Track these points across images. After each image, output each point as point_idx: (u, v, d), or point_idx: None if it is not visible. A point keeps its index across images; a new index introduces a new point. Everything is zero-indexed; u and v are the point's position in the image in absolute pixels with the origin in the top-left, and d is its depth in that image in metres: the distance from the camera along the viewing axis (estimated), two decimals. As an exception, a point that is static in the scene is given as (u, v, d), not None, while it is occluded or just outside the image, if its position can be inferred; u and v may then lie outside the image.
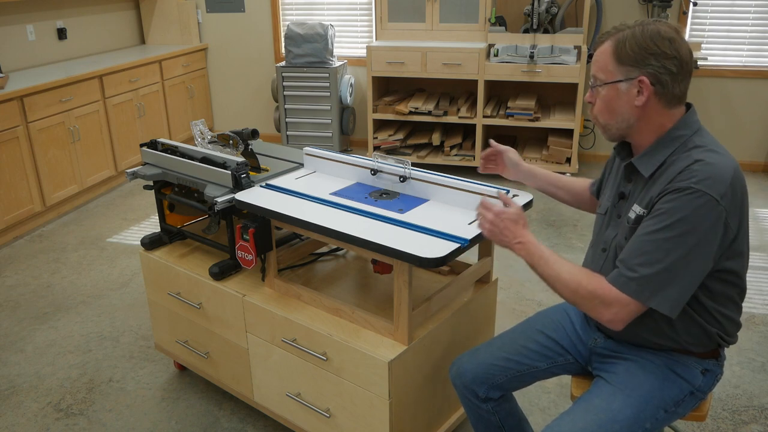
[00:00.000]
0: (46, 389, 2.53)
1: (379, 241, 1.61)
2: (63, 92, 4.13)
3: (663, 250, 1.34)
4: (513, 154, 1.90)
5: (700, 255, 1.35)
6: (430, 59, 4.63)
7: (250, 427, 2.29)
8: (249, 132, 2.18)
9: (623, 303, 1.38)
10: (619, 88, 1.42)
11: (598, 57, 1.46)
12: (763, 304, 3.04)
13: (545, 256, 1.48)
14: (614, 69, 1.42)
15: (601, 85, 1.45)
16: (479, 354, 1.74)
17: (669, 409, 1.49)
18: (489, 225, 1.53)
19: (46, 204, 4.09)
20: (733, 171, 1.36)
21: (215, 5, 5.62)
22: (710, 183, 1.32)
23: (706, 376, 1.53)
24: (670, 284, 1.35)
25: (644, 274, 1.35)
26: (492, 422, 1.75)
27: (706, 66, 4.71)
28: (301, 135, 5.26)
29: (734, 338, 1.54)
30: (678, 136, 1.43)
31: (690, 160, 1.38)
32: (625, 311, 1.39)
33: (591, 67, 1.49)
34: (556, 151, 4.60)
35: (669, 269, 1.34)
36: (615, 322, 1.40)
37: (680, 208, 1.33)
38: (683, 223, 1.33)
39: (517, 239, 1.51)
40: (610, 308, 1.39)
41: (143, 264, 2.37)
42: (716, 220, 1.34)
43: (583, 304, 1.43)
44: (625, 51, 1.40)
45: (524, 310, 3.00)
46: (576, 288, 1.42)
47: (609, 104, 1.45)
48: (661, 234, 1.34)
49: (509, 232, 1.52)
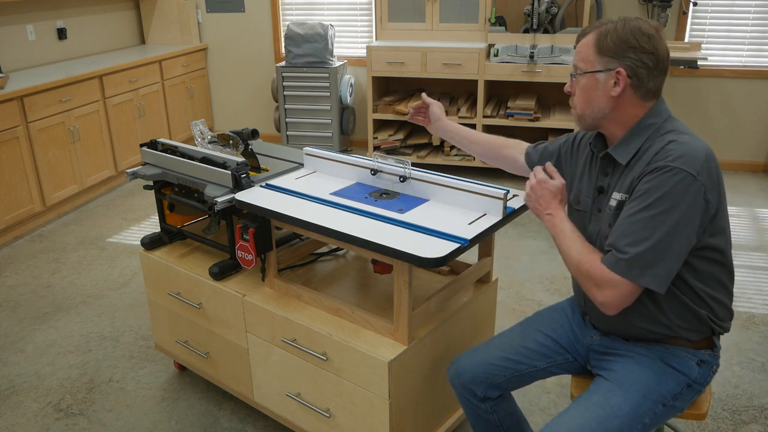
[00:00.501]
0: (46, 389, 2.53)
1: (379, 241, 1.62)
2: (63, 92, 4.13)
3: (648, 228, 1.38)
4: (437, 108, 1.99)
5: (683, 230, 1.39)
6: (430, 59, 4.63)
7: (250, 427, 2.29)
8: (249, 132, 2.18)
9: (614, 283, 1.41)
10: (598, 78, 1.48)
11: (580, 48, 1.51)
12: (763, 304, 3.04)
13: (566, 231, 1.53)
14: (594, 59, 1.47)
15: (581, 74, 1.50)
16: (478, 353, 1.74)
17: (667, 403, 1.50)
18: (529, 190, 1.61)
19: (46, 204, 4.09)
20: (705, 150, 1.41)
21: (215, 5, 5.62)
22: (685, 160, 1.37)
23: (702, 367, 1.53)
24: (658, 261, 1.39)
25: (633, 253, 1.38)
26: (491, 422, 1.75)
27: (706, 66, 4.71)
28: (301, 135, 5.26)
29: (727, 323, 1.56)
30: (650, 124, 1.49)
31: (664, 141, 1.43)
32: (617, 293, 1.41)
33: (573, 58, 1.54)
34: (556, 151, 4.60)
35: (655, 246, 1.38)
36: (607, 305, 1.43)
37: (659, 186, 1.37)
38: (664, 200, 1.37)
39: (548, 210, 1.57)
40: (602, 289, 1.42)
41: (143, 264, 2.37)
42: (695, 195, 1.37)
43: (582, 283, 1.48)
44: (606, 43, 1.45)
45: (524, 310, 3.00)
46: (578, 265, 1.47)
47: (587, 93, 1.50)
48: (644, 213, 1.39)
49: (544, 201, 1.58)
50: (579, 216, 1.66)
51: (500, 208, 1.76)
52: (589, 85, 1.50)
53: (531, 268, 3.43)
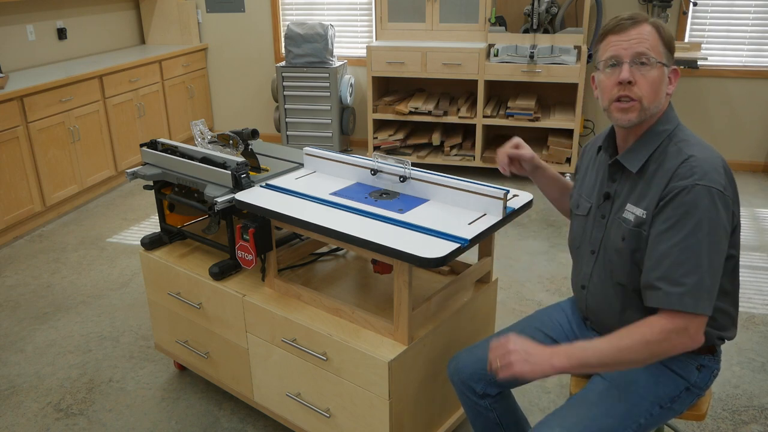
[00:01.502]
0: (46, 389, 2.53)
1: (379, 241, 1.61)
2: (63, 92, 4.13)
3: (698, 254, 1.33)
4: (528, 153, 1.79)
5: (723, 246, 1.37)
6: (430, 59, 4.63)
7: (250, 427, 2.29)
8: (249, 132, 2.18)
9: (689, 319, 1.33)
10: (665, 72, 1.43)
11: (644, 36, 1.39)
12: (763, 304, 3.04)
13: (587, 347, 1.36)
14: (663, 52, 1.41)
15: (656, 63, 1.40)
16: (477, 350, 1.74)
17: (664, 405, 1.49)
18: (514, 357, 1.37)
19: (46, 204, 4.09)
20: (721, 161, 1.40)
21: (215, 5, 5.62)
22: (711, 177, 1.35)
23: (702, 371, 1.53)
24: (712, 284, 1.35)
25: (692, 283, 1.33)
26: (490, 419, 1.75)
27: (706, 66, 4.71)
28: (301, 135, 5.26)
29: (730, 332, 1.53)
30: (662, 130, 1.46)
31: (682, 155, 1.40)
32: (695, 325, 1.34)
33: (627, 45, 1.39)
34: (556, 151, 4.60)
35: (708, 270, 1.34)
36: (695, 341, 1.35)
37: (695, 208, 1.34)
38: (704, 222, 1.34)
39: (548, 353, 1.37)
40: (686, 332, 1.33)
41: (143, 264, 2.37)
42: (726, 209, 1.36)
43: (661, 350, 1.34)
44: (666, 39, 1.41)
45: (524, 310, 3.00)
46: (644, 342, 1.33)
47: (657, 86, 1.42)
48: (690, 239, 1.33)
49: (536, 351, 1.37)
50: (578, 221, 1.64)
51: (500, 208, 1.76)
52: (659, 78, 1.41)
53: (531, 268, 3.43)
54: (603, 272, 1.56)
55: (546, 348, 1.38)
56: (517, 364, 1.36)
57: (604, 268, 1.55)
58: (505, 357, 1.38)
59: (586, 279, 1.61)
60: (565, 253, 3.57)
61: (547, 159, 4.63)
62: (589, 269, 1.59)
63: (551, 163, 4.61)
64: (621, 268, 1.50)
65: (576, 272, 1.68)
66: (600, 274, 1.57)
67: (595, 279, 1.58)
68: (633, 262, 1.47)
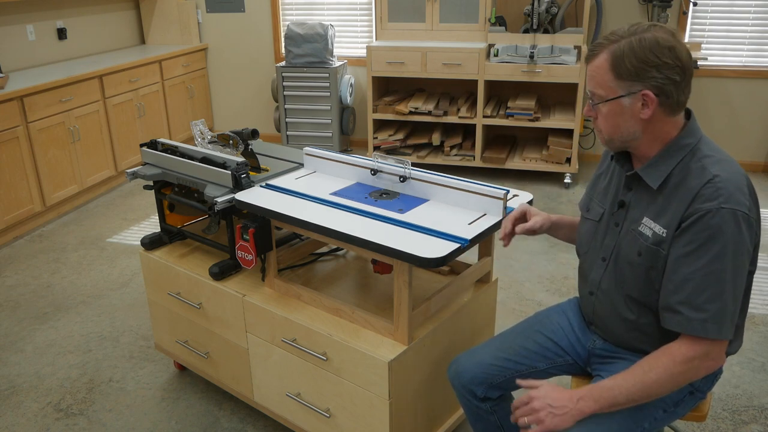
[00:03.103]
0: (46, 389, 2.53)
1: (379, 241, 1.61)
2: (63, 92, 4.13)
3: (721, 279, 1.32)
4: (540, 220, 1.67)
5: (745, 269, 1.36)
6: (430, 59, 4.63)
7: (250, 427, 2.29)
8: (249, 132, 2.18)
9: (711, 344, 1.34)
10: (623, 104, 1.37)
11: (594, 72, 1.39)
12: (763, 304, 3.04)
13: (613, 387, 1.37)
14: (614, 85, 1.36)
15: (601, 103, 1.39)
16: (477, 354, 1.73)
17: (668, 409, 1.49)
18: (542, 414, 1.38)
19: (46, 204, 4.09)
20: (744, 177, 1.37)
21: (215, 5, 5.62)
22: (737, 198, 1.32)
23: (706, 376, 1.52)
24: (734, 308, 1.35)
25: (716, 309, 1.32)
26: (491, 422, 1.75)
27: (706, 66, 4.71)
28: (301, 135, 5.26)
29: (737, 342, 1.52)
30: (684, 144, 1.41)
31: (706, 174, 1.35)
32: (717, 350, 1.35)
33: (587, 82, 1.43)
34: (556, 151, 4.60)
35: (731, 295, 1.33)
36: (717, 364, 1.37)
37: (720, 233, 1.31)
38: (728, 246, 1.31)
39: (574, 400, 1.38)
40: (708, 357, 1.34)
41: (143, 264, 2.37)
42: (750, 231, 1.34)
43: (686, 378, 1.36)
44: (624, 66, 1.34)
45: (524, 310, 3.00)
46: (669, 374, 1.34)
47: (613, 119, 1.40)
48: (715, 264, 1.31)
49: (562, 402, 1.38)
50: (588, 225, 1.61)
51: (500, 208, 1.76)
52: (614, 111, 1.38)
53: (531, 268, 3.43)
54: (613, 282, 1.53)
55: (570, 393, 1.38)
56: (547, 419, 1.37)
57: (615, 278, 1.52)
58: (533, 416, 1.39)
59: (595, 286, 1.59)
60: (565, 253, 3.57)
61: (547, 159, 4.63)
62: (599, 276, 1.57)
63: (551, 163, 4.61)
64: (633, 282, 1.47)
65: (583, 277, 1.65)
66: (609, 283, 1.54)
67: (604, 287, 1.55)
68: (648, 278, 1.44)
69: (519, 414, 1.42)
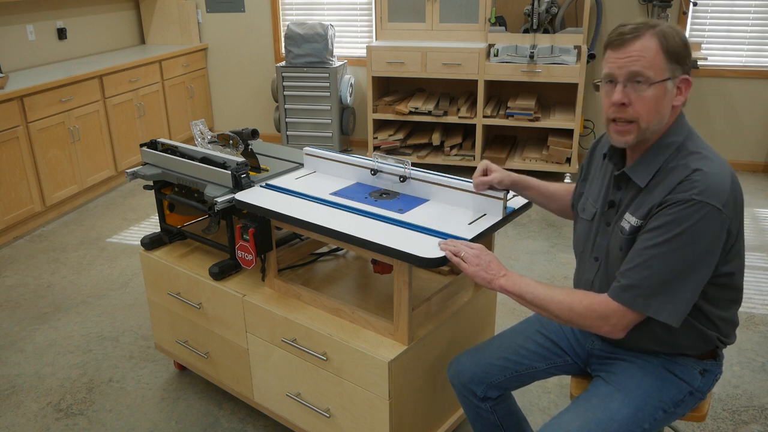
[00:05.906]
0: (46, 389, 2.53)
1: (379, 241, 1.61)
2: (63, 92, 4.13)
3: (666, 262, 1.33)
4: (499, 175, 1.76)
5: (703, 265, 1.35)
6: (430, 59, 4.63)
7: (250, 427, 2.29)
8: (249, 132, 2.18)
9: (620, 313, 1.37)
10: (667, 87, 1.36)
11: (642, 53, 1.34)
12: (763, 304, 3.04)
13: (532, 283, 1.48)
14: (665, 66, 1.34)
15: (649, 85, 1.35)
16: (477, 353, 1.74)
17: (668, 410, 1.49)
18: (475, 260, 1.52)
19: (46, 204, 4.09)
20: (730, 176, 1.36)
21: (215, 5, 5.62)
22: (711, 192, 1.31)
23: (705, 376, 1.52)
24: (674, 295, 1.34)
25: (642, 284, 1.35)
26: (491, 421, 1.75)
27: (706, 66, 4.71)
28: (301, 135, 5.26)
29: (732, 338, 1.54)
30: (671, 142, 1.41)
31: (688, 169, 1.35)
32: (623, 321, 1.38)
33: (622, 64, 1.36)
34: (556, 151, 4.60)
35: (671, 280, 1.33)
36: (614, 332, 1.40)
37: (682, 220, 1.31)
38: (686, 235, 1.31)
39: (502, 273, 1.51)
40: (608, 320, 1.39)
41: (143, 264, 2.37)
42: (720, 229, 1.33)
43: (581, 321, 1.42)
44: (673, 48, 1.34)
45: (524, 311, 3.00)
46: (571, 306, 1.42)
47: (656, 104, 1.36)
48: (664, 247, 1.33)
49: (495, 266, 1.52)
50: (583, 224, 1.62)
51: (500, 208, 1.76)
52: (659, 95, 1.35)
53: (531, 268, 3.43)
54: (605, 281, 1.53)
55: (502, 268, 1.51)
56: (475, 269, 1.50)
57: (607, 277, 1.52)
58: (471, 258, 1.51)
59: (588, 285, 1.59)
60: (565, 253, 3.57)
61: (547, 159, 4.63)
62: (592, 276, 1.57)
63: (551, 163, 4.61)
64: None
65: (579, 277, 1.66)
66: (602, 282, 1.54)
67: (597, 287, 1.56)
68: None
69: (461, 245, 1.55)
